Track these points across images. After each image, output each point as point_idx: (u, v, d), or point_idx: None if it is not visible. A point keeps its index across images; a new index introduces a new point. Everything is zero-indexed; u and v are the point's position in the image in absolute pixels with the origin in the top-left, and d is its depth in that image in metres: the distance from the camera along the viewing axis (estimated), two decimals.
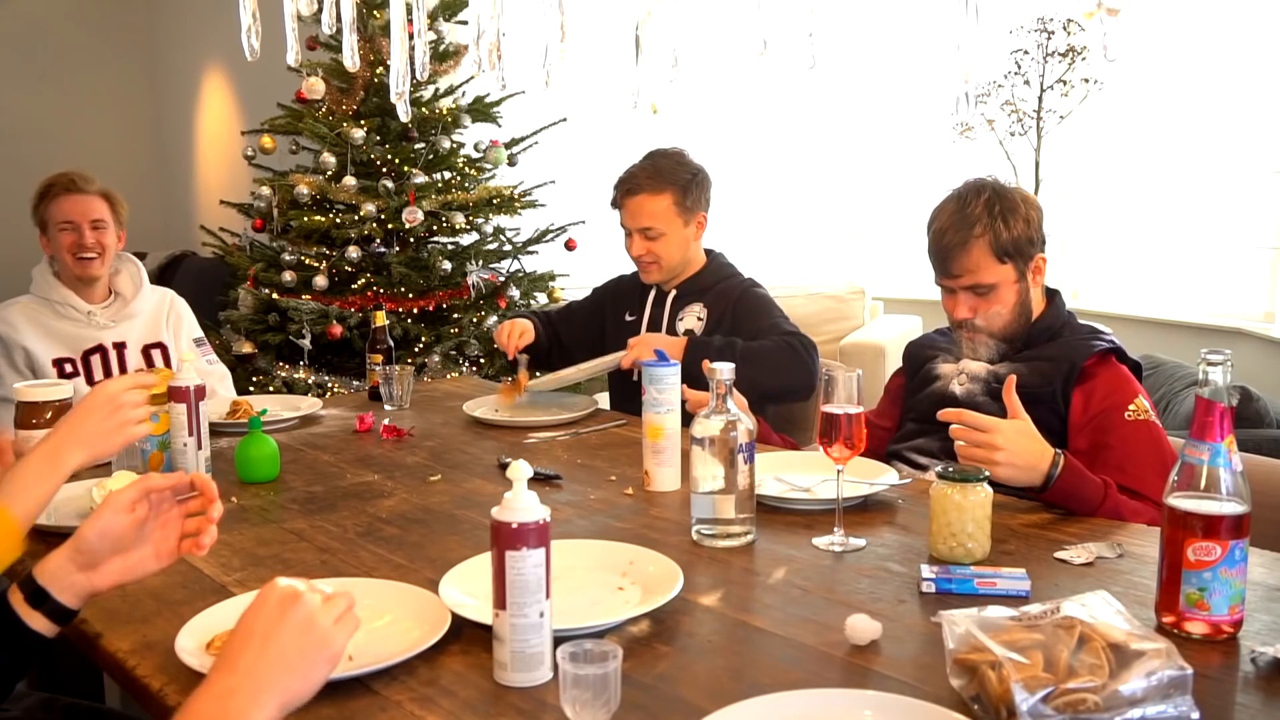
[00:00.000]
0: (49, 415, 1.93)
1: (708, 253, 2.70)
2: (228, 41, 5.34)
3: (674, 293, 2.66)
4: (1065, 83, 4.26)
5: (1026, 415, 1.68)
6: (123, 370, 2.73)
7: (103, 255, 2.75)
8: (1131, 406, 1.83)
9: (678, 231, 2.58)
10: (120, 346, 2.76)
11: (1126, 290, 4.76)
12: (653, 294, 2.69)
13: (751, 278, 2.68)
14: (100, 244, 2.73)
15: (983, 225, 1.93)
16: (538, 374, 2.70)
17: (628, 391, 2.60)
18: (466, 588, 1.35)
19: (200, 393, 1.92)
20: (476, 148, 4.24)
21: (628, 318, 2.72)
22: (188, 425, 1.90)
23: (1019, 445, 1.64)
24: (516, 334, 2.64)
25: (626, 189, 2.58)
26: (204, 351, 2.92)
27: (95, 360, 2.71)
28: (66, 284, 2.75)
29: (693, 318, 2.61)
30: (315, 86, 3.90)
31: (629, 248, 2.62)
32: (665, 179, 2.55)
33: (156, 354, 2.82)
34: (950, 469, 1.52)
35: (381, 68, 3.97)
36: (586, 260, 4.32)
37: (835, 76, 5.52)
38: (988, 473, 1.53)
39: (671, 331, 2.62)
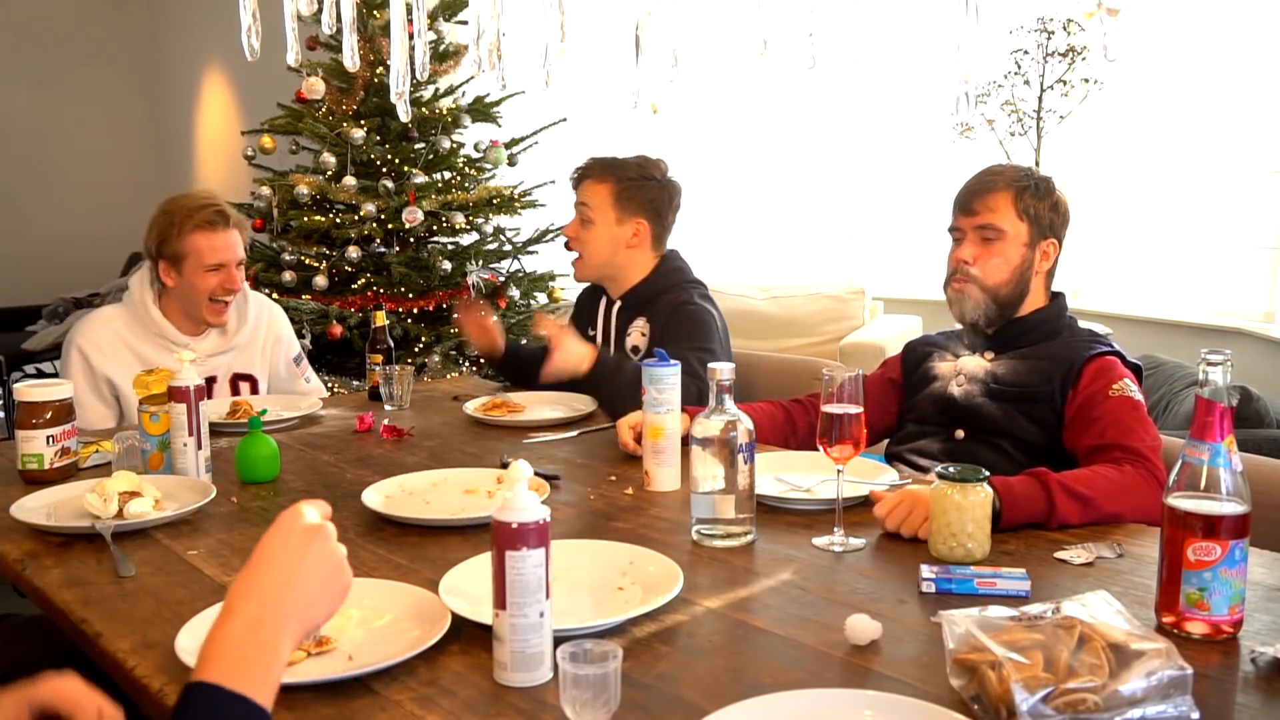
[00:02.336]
0: (49, 415, 1.94)
1: (663, 258, 2.61)
2: (228, 41, 5.34)
3: (619, 304, 2.63)
4: (1065, 83, 4.25)
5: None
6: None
7: (235, 296, 2.51)
8: (1116, 385, 1.84)
9: (608, 226, 2.53)
10: (210, 380, 2.52)
11: (1126, 290, 4.76)
12: (603, 305, 2.68)
13: (695, 289, 2.56)
14: (239, 283, 2.48)
15: (1014, 179, 2.00)
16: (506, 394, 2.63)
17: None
18: (466, 588, 1.35)
19: (200, 393, 1.92)
20: (476, 148, 4.24)
21: (589, 333, 2.72)
22: (188, 425, 1.90)
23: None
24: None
25: (581, 170, 2.59)
26: (301, 370, 2.76)
27: None
28: (167, 314, 2.50)
29: (637, 333, 2.57)
30: (315, 86, 3.90)
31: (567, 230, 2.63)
32: (612, 170, 2.55)
33: (245, 386, 2.63)
34: (950, 469, 1.52)
35: (381, 68, 3.97)
36: None
37: (835, 76, 5.52)
38: (987, 473, 1.53)
39: (620, 347, 2.60)
